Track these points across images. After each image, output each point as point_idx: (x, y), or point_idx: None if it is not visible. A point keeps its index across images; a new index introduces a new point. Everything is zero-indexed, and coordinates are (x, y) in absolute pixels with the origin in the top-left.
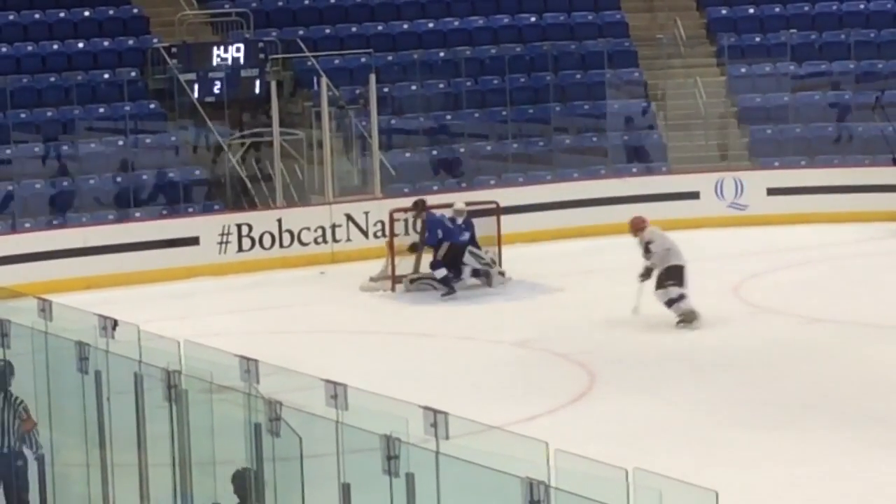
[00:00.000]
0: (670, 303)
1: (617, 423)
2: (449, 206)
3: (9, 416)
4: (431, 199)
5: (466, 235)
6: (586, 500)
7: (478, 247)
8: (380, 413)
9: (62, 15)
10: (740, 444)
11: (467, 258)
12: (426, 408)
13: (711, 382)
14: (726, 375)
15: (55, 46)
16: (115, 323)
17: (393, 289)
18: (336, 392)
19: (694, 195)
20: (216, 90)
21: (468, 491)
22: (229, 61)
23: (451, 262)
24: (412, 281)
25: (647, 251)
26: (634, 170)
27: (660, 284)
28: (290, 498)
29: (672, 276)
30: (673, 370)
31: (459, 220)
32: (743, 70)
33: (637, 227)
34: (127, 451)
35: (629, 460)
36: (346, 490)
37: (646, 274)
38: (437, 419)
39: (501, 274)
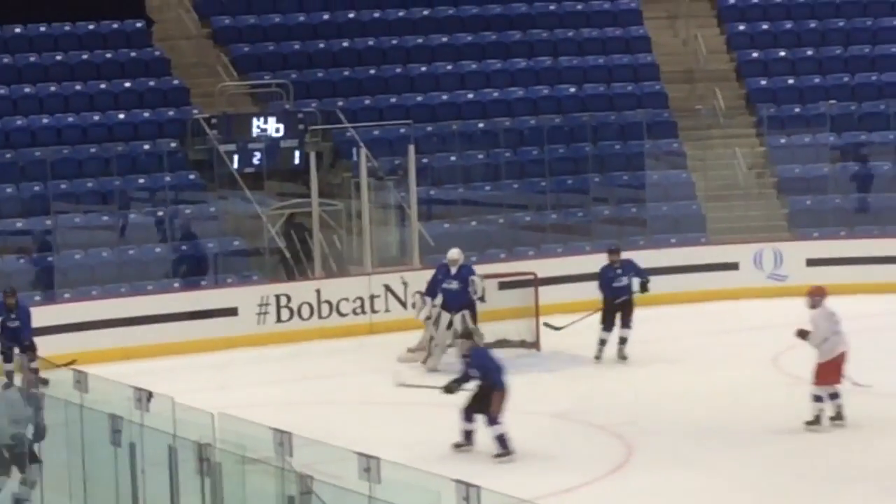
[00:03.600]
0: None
1: (654, 495)
2: (490, 276)
3: None
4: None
5: (454, 284)
6: None
7: (472, 310)
8: (412, 486)
9: (103, 86)
10: None
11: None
12: (458, 481)
13: (750, 455)
14: (765, 448)
15: (96, 117)
16: (150, 395)
17: (425, 361)
18: (369, 465)
19: (733, 266)
20: (256, 161)
21: None
22: (269, 132)
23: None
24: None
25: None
26: (673, 240)
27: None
28: None
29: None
30: (711, 443)
31: (453, 270)
32: (782, 141)
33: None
34: None
35: None
36: None
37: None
38: (469, 493)
39: (530, 345)
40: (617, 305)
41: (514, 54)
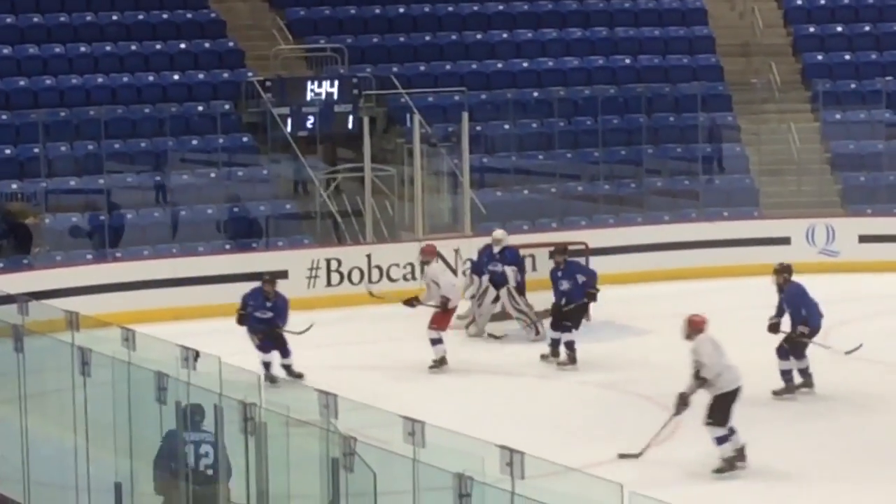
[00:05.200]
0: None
1: (699, 466)
2: (536, 245)
3: None
4: (521, 239)
5: (499, 267)
6: None
7: (520, 291)
8: (456, 451)
9: (158, 47)
10: (824, 492)
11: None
12: (502, 447)
13: (797, 429)
14: (812, 423)
15: (150, 78)
16: (197, 354)
17: (468, 327)
18: (414, 429)
19: (785, 241)
20: (309, 125)
21: None
22: (323, 96)
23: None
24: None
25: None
26: (726, 214)
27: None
28: None
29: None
30: (758, 416)
31: (496, 249)
32: (837, 116)
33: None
34: (205, 484)
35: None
36: None
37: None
38: (513, 458)
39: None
40: (563, 310)
41: (570, 24)
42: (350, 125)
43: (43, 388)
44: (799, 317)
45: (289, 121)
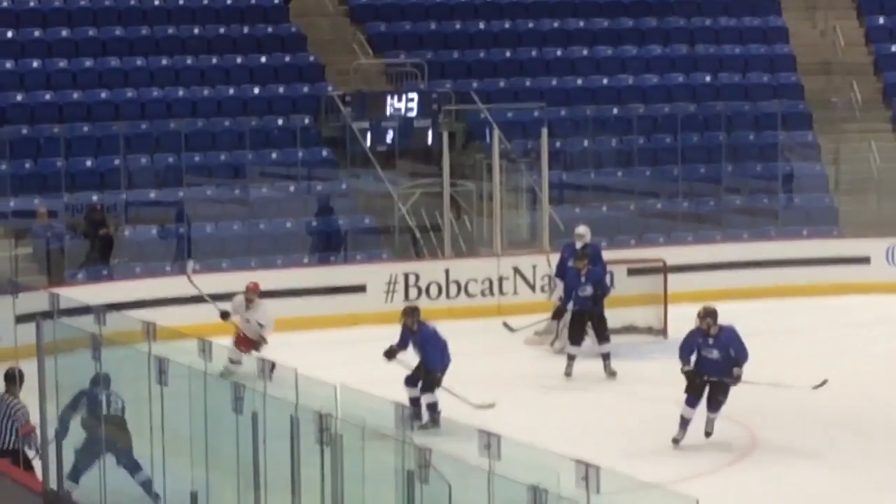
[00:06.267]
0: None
1: (778, 486)
2: (614, 262)
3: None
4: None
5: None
6: None
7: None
8: (531, 464)
9: (239, 60)
10: None
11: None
12: (578, 461)
13: (877, 449)
14: (891, 443)
15: (231, 91)
16: (273, 365)
17: (552, 343)
18: (489, 442)
19: (864, 260)
20: (388, 139)
21: None
22: (402, 111)
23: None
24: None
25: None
26: (805, 233)
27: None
28: None
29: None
30: (837, 435)
31: (578, 245)
32: None
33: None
34: (281, 494)
35: None
36: None
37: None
38: (588, 473)
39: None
40: (581, 318)
41: (650, 41)
42: (429, 140)
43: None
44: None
45: (368, 135)
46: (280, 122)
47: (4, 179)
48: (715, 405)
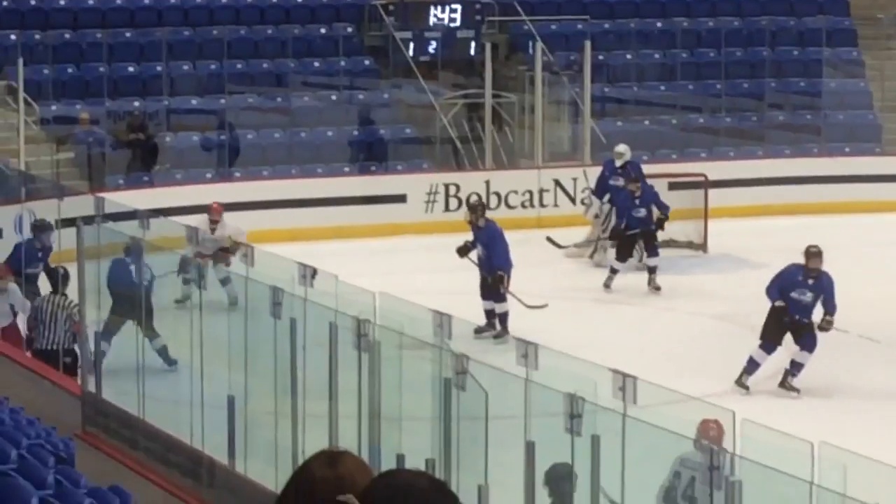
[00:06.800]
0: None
1: (811, 401)
2: (656, 176)
3: (61, 316)
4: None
5: (620, 181)
6: (769, 469)
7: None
8: (569, 374)
9: None
10: None
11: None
12: (615, 371)
13: None
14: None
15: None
16: (315, 272)
17: (591, 256)
18: (527, 351)
19: None
20: (431, 50)
21: (653, 455)
22: (445, 21)
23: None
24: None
25: None
26: (847, 149)
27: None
28: (476, 454)
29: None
30: (876, 354)
31: (618, 163)
32: None
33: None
34: (318, 400)
35: (819, 436)
36: (530, 448)
37: None
38: (625, 383)
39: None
40: (633, 237)
41: None
42: (472, 51)
43: (161, 303)
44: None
45: (411, 45)
46: (323, 30)
47: (47, 84)
48: (811, 345)
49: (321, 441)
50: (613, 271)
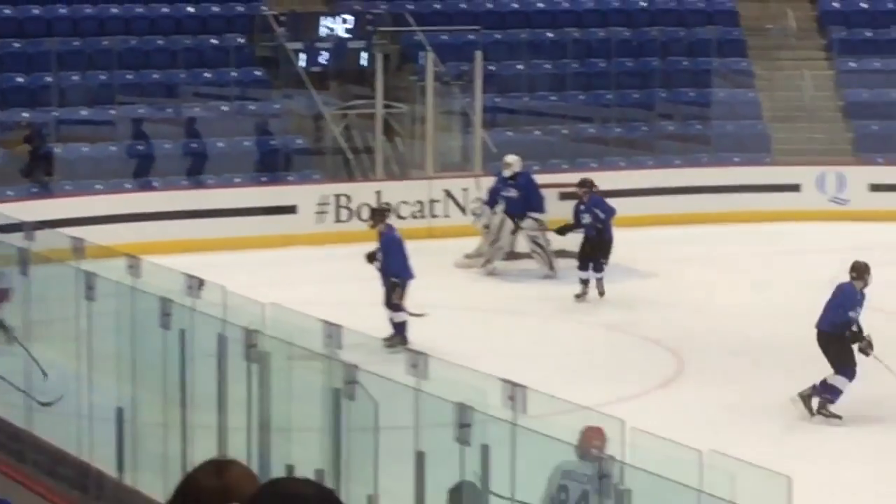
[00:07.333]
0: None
1: (701, 409)
2: (546, 186)
3: None
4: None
5: (512, 192)
6: (657, 477)
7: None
8: (459, 384)
9: None
10: (823, 437)
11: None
12: (505, 380)
13: (800, 375)
14: (816, 368)
15: (164, 9)
16: (201, 282)
17: (484, 265)
18: (417, 361)
19: (795, 188)
20: (322, 60)
21: (543, 465)
22: (336, 32)
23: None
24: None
25: None
26: (737, 159)
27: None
28: (365, 464)
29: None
30: (762, 361)
31: (507, 173)
32: (852, 64)
33: None
34: (208, 412)
35: (707, 445)
36: (420, 459)
37: None
38: (515, 392)
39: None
40: (589, 244)
41: None
42: (363, 62)
43: (48, 315)
44: None
45: (302, 56)
46: (214, 41)
47: None
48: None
49: (210, 452)
50: (583, 282)
